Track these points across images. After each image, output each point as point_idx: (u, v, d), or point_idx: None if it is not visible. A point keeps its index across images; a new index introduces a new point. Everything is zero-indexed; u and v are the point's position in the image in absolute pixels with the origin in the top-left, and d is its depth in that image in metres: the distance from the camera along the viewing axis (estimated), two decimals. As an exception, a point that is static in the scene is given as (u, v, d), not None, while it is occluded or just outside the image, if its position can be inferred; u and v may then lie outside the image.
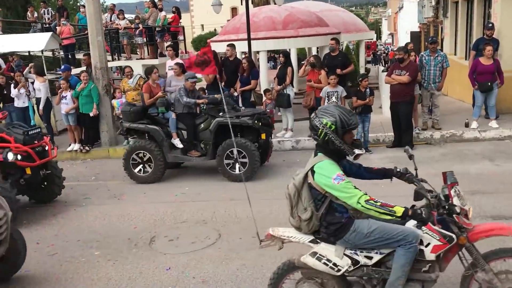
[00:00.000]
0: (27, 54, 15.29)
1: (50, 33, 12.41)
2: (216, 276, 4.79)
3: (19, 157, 6.58)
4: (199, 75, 8.97)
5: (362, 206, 3.15)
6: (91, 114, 10.03)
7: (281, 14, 13.73)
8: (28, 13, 17.42)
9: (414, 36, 25.53)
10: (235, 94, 10.27)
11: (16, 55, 14.04)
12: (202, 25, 55.58)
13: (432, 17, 20.62)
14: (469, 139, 9.34)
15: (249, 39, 11.48)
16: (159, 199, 7.35)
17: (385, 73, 10.01)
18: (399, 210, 3.12)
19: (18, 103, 10.31)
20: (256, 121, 7.75)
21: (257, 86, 10.76)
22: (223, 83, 10.38)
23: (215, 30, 44.41)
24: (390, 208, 3.13)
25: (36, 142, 6.97)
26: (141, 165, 8.16)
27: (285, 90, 9.82)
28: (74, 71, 12.55)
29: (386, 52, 41.04)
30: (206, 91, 10.28)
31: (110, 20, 15.45)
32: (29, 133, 6.91)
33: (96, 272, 5.06)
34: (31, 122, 10.46)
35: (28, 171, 6.80)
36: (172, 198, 7.37)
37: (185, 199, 7.26)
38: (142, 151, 8.12)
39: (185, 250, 5.43)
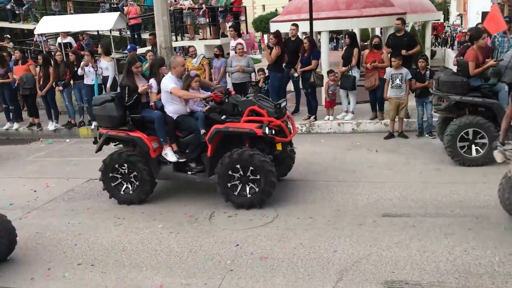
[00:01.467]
0: (95, 33, 15.91)
1: (118, 13, 12.80)
2: (274, 253, 4.86)
3: (273, 131, 6.01)
4: (258, 56, 8.96)
5: None
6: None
7: (344, -6, 13.39)
8: (98, -7, 18.08)
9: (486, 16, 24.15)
10: (295, 74, 10.22)
11: (86, 34, 14.64)
12: (263, 5, 55.41)
13: (507, -4, 19.38)
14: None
15: (311, 19, 11.32)
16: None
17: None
18: None
19: (87, 81, 10.78)
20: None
21: (318, 67, 10.64)
22: (284, 64, 10.38)
23: (276, 10, 44.14)
24: None
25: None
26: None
27: (350, 71, 9.66)
28: (140, 50, 12.93)
29: (455, 34, 39.14)
30: (265, 71, 10.31)
31: (175, 1, 15.73)
32: (280, 106, 6.27)
33: (159, 243, 5.29)
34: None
35: (279, 146, 6.21)
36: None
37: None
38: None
39: (243, 227, 5.55)
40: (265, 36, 41.46)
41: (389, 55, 9.40)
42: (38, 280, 4.70)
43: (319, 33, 14.11)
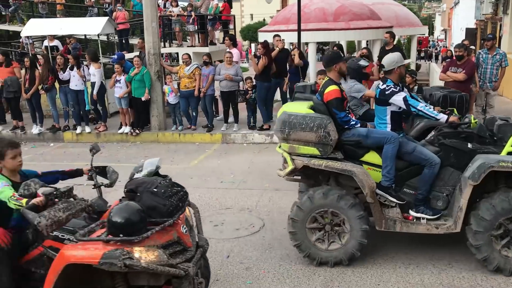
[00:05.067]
0: (83, 37, 15.80)
1: (106, 18, 12.76)
2: (260, 263, 4.86)
3: None
4: (245, 65, 9.00)
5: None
6: (143, 99, 10.31)
7: (332, 6, 13.59)
8: (86, -3, 18.00)
9: (470, 33, 24.64)
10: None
11: (73, 37, 14.53)
12: (252, 15, 55.66)
13: (491, 14, 19.84)
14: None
15: (299, 30, 11.44)
16: (205, 185, 7.50)
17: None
18: None
19: (72, 85, 10.69)
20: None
21: (306, 77, 10.74)
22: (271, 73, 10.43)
23: (264, 20, 44.39)
24: None
25: None
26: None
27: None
28: (128, 55, 12.88)
29: (438, 49, 39.82)
30: (253, 80, 10.35)
31: (164, 7, 15.73)
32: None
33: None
34: (85, 106, 10.87)
35: None
36: (218, 184, 7.51)
37: (231, 186, 7.37)
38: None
39: (230, 236, 5.54)
40: (253, 45, 41.67)
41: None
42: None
43: (307, 44, 14.27)
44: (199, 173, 8.15)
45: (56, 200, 3.33)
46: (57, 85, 10.86)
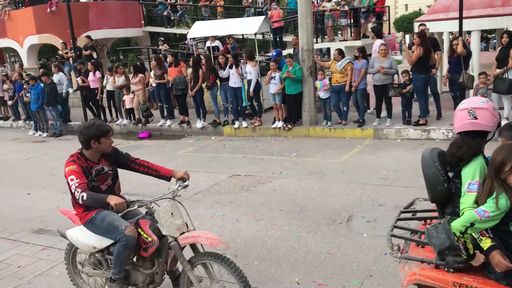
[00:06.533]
0: (240, 37, 16.76)
1: (262, 17, 13.33)
2: (415, 263, 4.68)
3: None
4: (398, 57, 8.66)
5: None
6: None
7: (500, -11, 12.28)
8: (244, -2, 19.09)
9: None
10: (438, 75, 9.65)
11: (232, 37, 15.50)
12: (406, 5, 53.19)
13: None
14: None
15: (460, 18, 10.59)
16: (357, 180, 7.44)
17: None
18: None
19: (231, 83, 11.41)
20: None
21: (468, 68, 9.93)
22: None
23: (420, 9, 42.07)
24: None
25: None
26: None
27: (506, 74, 8.85)
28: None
29: None
30: (410, 72, 9.90)
31: (317, 3, 15.89)
32: None
33: (297, 241, 5.42)
34: (243, 102, 11.53)
35: None
36: (370, 180, 7.38)
37: (384, 183, 7.19)
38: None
39: (383, 233, 5.41)
40: (407, 36, 39.77)
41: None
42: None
43: (469, 32, 13.16)
44: (350, 168, 8.10)
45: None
46: (218, 82, 11.72)
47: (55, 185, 8.35)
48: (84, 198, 3.66)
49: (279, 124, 11.11)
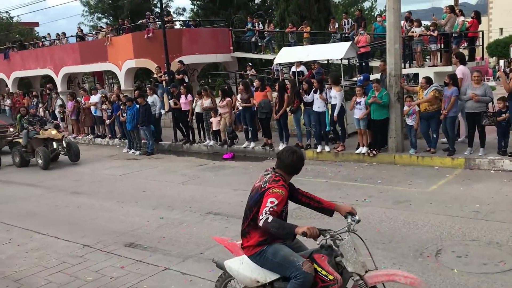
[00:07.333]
0: (325, 61, 16.81)
1: (349, 43, 13.31)
2: (512, 305, 4.37)
3: None
4: (492, 83, 8.20)
5: None
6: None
7: None
8: (330, 24, 19.13)
9: None
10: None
11: (317, 63, 15.60)
12: (501, 29, 50.42)
13: None
14: None
15: None
16: (446, 212, 7.10)
17: None
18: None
19: (315, 107, 11.45)
20: None
21: None
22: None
23: (516, 33, 39.74)
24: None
25: None
26: None
27: None
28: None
29: None
30: (506, 100, 9.35)
31: (405, 28, 15.59)
32: None
33: (382, 272, 5.26)
34: (326, 127, 11.51)
35: None
36: (461, 212, 7.02)
37: (476, 216, 6.81)
38: None
39: (476, 270, 5.12)
40: (501, 61, 37.62)
41: None
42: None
43: None
44: (439, 199, 7.76)
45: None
46: (301, 107, 11.82)
47: (146, 201, 8.83)
48: (269, 220, 3.49)
49: (363, 149, 10.94)
